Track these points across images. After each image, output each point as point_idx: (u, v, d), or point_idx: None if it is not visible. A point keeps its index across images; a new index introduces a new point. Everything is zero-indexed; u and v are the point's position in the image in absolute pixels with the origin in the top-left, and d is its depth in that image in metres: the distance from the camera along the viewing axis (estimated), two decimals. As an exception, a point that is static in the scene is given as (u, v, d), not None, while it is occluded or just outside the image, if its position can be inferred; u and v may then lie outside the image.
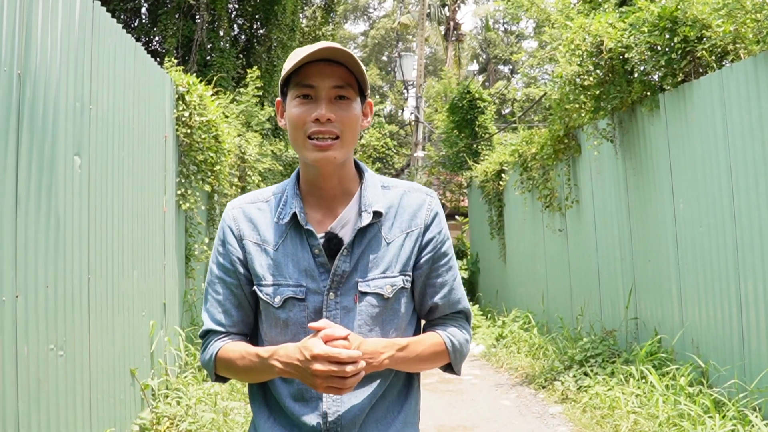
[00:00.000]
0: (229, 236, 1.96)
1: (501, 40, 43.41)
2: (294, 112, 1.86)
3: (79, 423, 4.35)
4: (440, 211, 2.02)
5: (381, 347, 1.81)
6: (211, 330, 1.97)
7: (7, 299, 3.42)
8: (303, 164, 1.95)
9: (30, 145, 3.72)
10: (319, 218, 1.93)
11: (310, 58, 1.80)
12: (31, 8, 3.72)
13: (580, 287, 9.33)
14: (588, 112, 8.01)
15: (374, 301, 1.88)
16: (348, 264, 1.87)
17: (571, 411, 6.78)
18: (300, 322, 1.87)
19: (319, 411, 1.85)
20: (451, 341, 1.99)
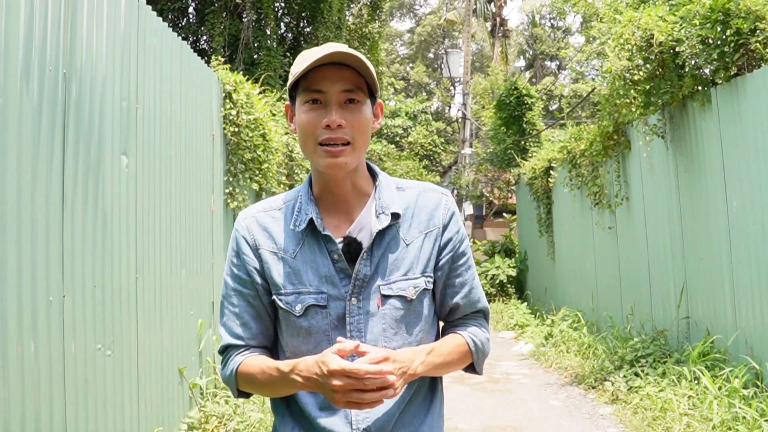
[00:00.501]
0: (244, 246, 1.91)
1: (548, 35, 43.03)
2: (303, 118, 1.82)
3: (127, 422, 4.37)
4: (456, 211, 1.98)
5: (412, 355, 1.77)
6: (230, 345, 1.93)
7: (54, 299, 3.44)
8: (315, 170, 1.90)
9: (76, 145, 3.74)
10: (335, 223, 1.89)
11: (317, 62, 1.76)
12: (75, 7, 3.73)
13: (631, 285, 9.18)
14: (638, 108, 7.86)
15: (398, 304, 1.85)
16: (369, 268, 1.84)
17: (622, 412, 6.66)
18: (323, 330, 1.83)
19: (347, 419, 1.81)
20: (474, 341, 1.98)
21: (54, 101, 3.49)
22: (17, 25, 3.15)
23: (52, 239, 3.45)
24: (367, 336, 1.82)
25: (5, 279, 3.02)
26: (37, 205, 3.31)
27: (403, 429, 1.85)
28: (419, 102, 33.78)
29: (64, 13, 3.59)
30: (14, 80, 3.12)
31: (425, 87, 49.77)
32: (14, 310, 3.08)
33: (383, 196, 1.90)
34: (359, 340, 1.81)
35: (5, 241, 3.02)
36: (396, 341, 1.85)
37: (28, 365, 3.18)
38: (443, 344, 1.91)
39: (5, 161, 3.04)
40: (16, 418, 3.06)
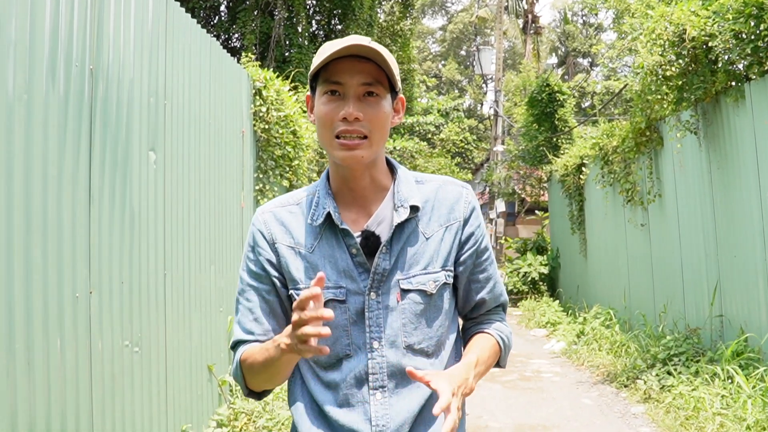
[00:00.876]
0: (261, 240, 1.89)
1: (580, 32, 42.68)
2: (322, 109, 1.80)
3: (155, 419, 4.38)
4: (477, 205, 1.95)
5: (465, 373, 1.73)
6: (241, 340, 1.89)
7: (81, 295, 3.44)
8: (332, 164, 1.88)
9: (103, 141, 3.74)
10: (353, 217, 1.87)
11: (338, 54, 1.74)
12: (102, 3, 3.73)
13: (663, 283, 9.06)
14: (670, 104, 7.75)
15: (418, 298, 1.83)
16: (388, 262, 1.81)
17: (654, 411, 6.57)
18: (342, 325, 1.80)
19: (366, 416, 1.78)
20: (503, 339, 1.99)
21: (80, 97, 3.49)
22: (43, 21, 3.15)
23: (79, 235, 3.46)
24: (386, 331, 1.80)
25: (31, 275, 3.03)
26: (63, 201, 3.31)
27: (425, 425, 1.82)
28: (451, 99, 33.72)
29: (91, 9, 3.59)
30: (40, 76, 3.13)
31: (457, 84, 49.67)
32: (40, 306, 3.08)
33: (402, 190, 1.87)
34: (379, 335, 1.79)
35: (31, 237, 3.03)
36: (416, 336, 1.82)
37: (53, 361, 3.18)
38: (482, 349, 1.90)
39: (31, 157, 3.04)
40: (42, 414, 3.07)
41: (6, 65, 2.89)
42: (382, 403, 1.78)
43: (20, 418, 2.91)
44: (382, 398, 1.78)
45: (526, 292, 16.71)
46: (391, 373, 1.79)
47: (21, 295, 2.96)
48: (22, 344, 2.95)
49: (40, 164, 3.13)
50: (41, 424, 3.06)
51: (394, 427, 1.77)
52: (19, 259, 2.95)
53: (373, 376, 1.78)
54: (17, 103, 2.96)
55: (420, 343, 1.82)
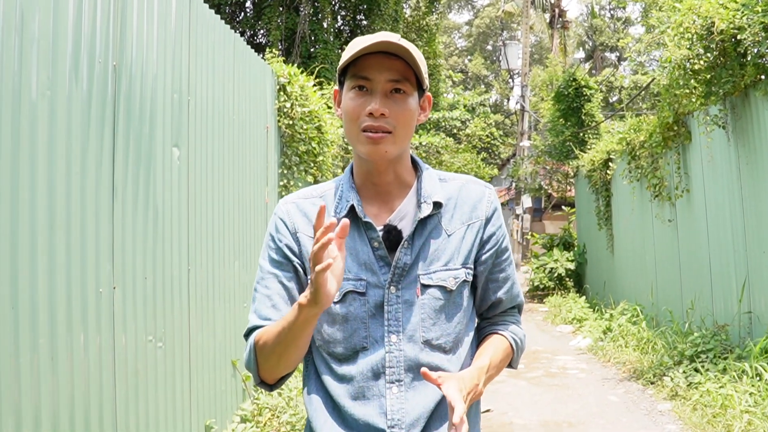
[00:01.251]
0: (282, 228, 1.89)
1: (607, 26, 42.36)
2: (349, 104, 1.80)
3: (179, 413, 4.40)
4: (499, 205, 1.96)
5: (477, 378, 1.74)
6: (255, 326, 1.85)
7: (104, 291, 3.46)
8: (357, 158, 1.89)
9: (126, 137, 3.75)
10: (375, 212, 1.87)
11: (367, 50, 1.74)
12: (125, 0, 3.75)
13: (691, 279, 8.96)
14: (698, 98, 7.65)
15: (437, 294, 1.82)
16: (409, 256, 1.81)
17: (681, 408, 6.50)
18: (360, 317, 1.80)
19: (382, 410, 1.77)
20: (515, 342, 1.98)
21: (104, 93, 3.51)
22: (66, 18, 3.16)
23: (102, 231, 3.48)
24: (405, 326, 1.80)
25: (54, 271, 3.05)
26: (87, 197, 3.33)
27: (440, 421, 1.81)
28: (477, 94, 33.64)
29: (114, 6, 3.61)
30: (63, 73, 3.14)
31: (483, 79, 49.53)
32: (63, 301, 3.10)
33: (426, 186, 1.88)
34: (397, 329, 1.79)
35: (54, 233, 3.05)
36: (434, 331, 1.82)
37: (77, 357, 3.20)
38: (494, 353, 1.89)
39: (54, 153, 3.06)
40: (65, 408, 3.09)
41: (30, 62, 2.91)
42: (398, 397, 1.78)
43: (44, 412, 2.93)
44: (398, 392, 1.78)
45: (552, 288, 16.62)
46: (408, 368, 1.79)
47: (45, 291, 2.98)
48: (45, 339, 2.97)
49: (64, 161, 3.15)
50: (65, 419, 3.09)
51: (410, 422, 1.77)
52: (43, 255, 2.97)
53: (390, 369, 1.78)
54: (41, 100, 2.98)
55: (438, 339, 1.82)
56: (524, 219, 23.21)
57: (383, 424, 1.76)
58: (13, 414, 2.74)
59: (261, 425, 5.50)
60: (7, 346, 2.72)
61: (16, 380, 2.77)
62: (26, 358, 2.83)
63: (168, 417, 4.22)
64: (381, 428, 1.76)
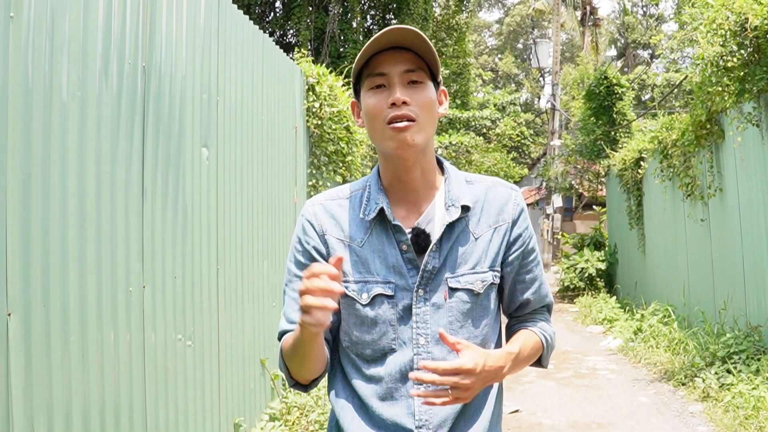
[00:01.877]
0: (310, 230, 1.90)
1: (639, 23, 41.96)
2: (369, 102, 1.81)
3: (208, 411, 4.43)
4: (525, 207, 1.96)
5: (503, 361, 1.75)
6: (285, 331, 1.90)
7: (134, 290, 3.49)
8: (383, 158, 1.89)
9: (156, 137, 3.78)
10: (403, 214, 1.88)
11: (377, 45, 1.77)
12: (155, 2, 3.78)
13: (724, 280, 8.85)
14: (732, 95, 7.55)
15: (465, 297, 1.83)
16: (437, 260, 1.82)
17: (713, 410, 6.43)
18: (388, 320, 1.82)
19: (409, 410, 1.79)
20: (545, 338, 1.98)
21: (133, 94, 3.54)
22: (96, 20, 3.20)
23: (132, 231, 3.51)
24: (432, 328, 1.81)
25: (85, 269, 3.08)
26: (117, 197, 3.37)
27: (465, 421, 1.83)
28: (508, 93, 33.50)
29: (143, 7, 3.64)
30: (93, 74, 3.18)
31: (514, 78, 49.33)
32: (94, 300, 3.14)
33: (453, 189, 1.88)
34: (424, 331, 1.81)
35: (85, 233, 3.08)
36: (462, 334, 1.84)
37: (107, 355, 3.24)
38: (524, 343, 1.90)
39: (84, 153, 3.10)
40: (96, 405, 3.12)
41: (60, 63, 2.94)
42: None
43: (75, 409, 2.97)
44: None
45: (582, 289, 16.50)
46: None
47: (75, 289, 3.01)
48: (77, 337, 3.01)
49: (94, 161, 3.18)
50: (95, 415, 3.12)
51: (437, 422, 1.79)
52: (74, 254, 3.01)
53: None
54: (71, 101, 3.01)
55: (467, 339, 1.83)
56: (555, 219, 23.10)
57: (411, 425, 1.79)
58: (45, 410, 2.78)
59: (289, 424, 5.53)
60: (38, 343, 2.75)
61: (47, 377, 2.80)
62: (57, 355, 2.87)
63: (197, 415, 4.25)
64: (409, 428, 1.79)
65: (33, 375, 2.71)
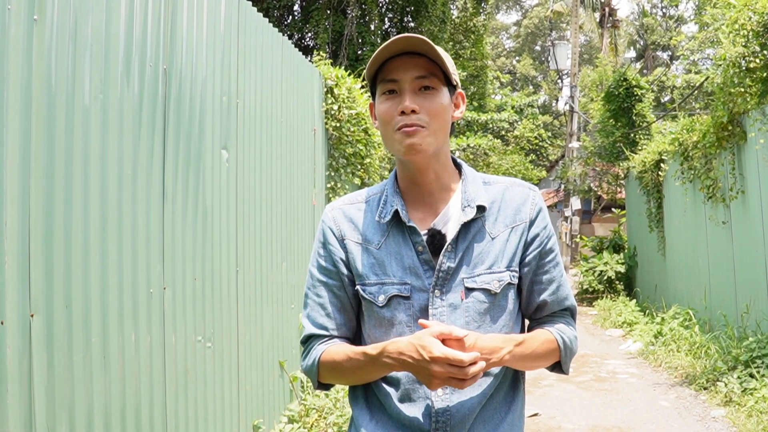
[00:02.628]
0: (330, 237, 1.94)
1: (659, 25, 41.73)
2: (381, 108, 1.84)
3: (227, 412, 4.44)
4: (544, 207, 1.95)
5: (500, 342, 1.75)
6: (313, 335, 1.93)
7: (155, 291, 3.51)
8: (399, 163, 1.92)
9: (177, 139, 3.80)
10: (420, 216, 1.89)
11: (387, 52, 1.79)
12: (176, 4, 3.80)
13: (746, 283, 8.76)
14: (754, 96, 7.49)
15: (482, 297, 1.83)
16: (453, 260, 1.83)
17: (735, 415, 6.37)
18: (405, 321, 1.83)
19: (428, 412, 1.80)
20: (562, 338, 1.94)
21: (154, 96, 3.56)
22: (118, 23, 3.22)
23: (153, 232, 3.53)
24: None
25: (106, 271, 3.10)
26: (138, 199, 3.38)
27: (484, 424, 1.83)
28: (526, 95, 33.43)
29: (164, 11, 3.66)
30: (115, 76, 3.20)
31: (532, 80, 49.21)
32: (115, 301, 3.16)
33: (469, 190, 1.89)
34: None
35: (106, 234, 3.10)
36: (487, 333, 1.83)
37: (128, 355, 3.26)
38: (533, 337, 1.88)
39: (106, 155, 3.11)
40: (117, 406, 3.14)
41: (83, 66, 2.96)
42: (443, 399, 1.80)
43: (96, 409, 2.99)
44: (443, 394, 1.80)
45: (601, 292, 16.41)
46: None
47: (97, 290, 3.03)
48: (98, 338, 3.02)
49: (116, 163, 3.20)
50: (116, 415, 3.14)
51: (455, 423, 1.79)
52: (95, 256, 3.03)
53: None
54: (93, 103, 3.03)
55: None
56: (573, 221, 22.98)
57: (428, 426, 1.79)
58: (67, 410, 2.79)
59: (308, 426, 5.53)
60: (60, 344, 2.77)
61: (69, 377, 2.82)
62: (79, 356, 2.88)
63: (216, 416, 4.26)
64: (426, 429, 1.79)
65: (55, 375, 2.73)
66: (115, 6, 3.20)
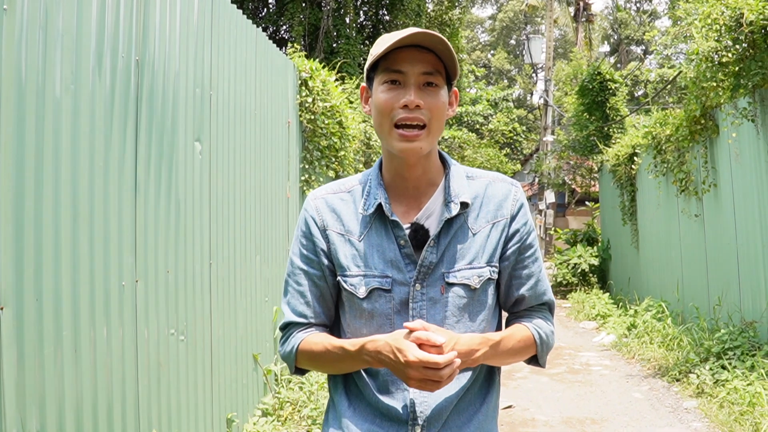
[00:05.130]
0: (312, 226, 1.93)
1: (632, 19, 42.00)
2: (381, 97, 1.82)
3: (201, 406, 4.42)
4: (525, 202, 1.97)
5: (476, 344, 1.77)
6: (292, 322, 1.94)
7: (127, 284, 3.48)
8: (387, 154, 1.91)
9: (149, 131, 3.77)
10: (403, 209, 1.90)
11: (401, 42, 1.77)
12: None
13: (718, 275, 8.85)
14: (726, 91, 7.54)
15: (461, 292, 1.85)
16: (435, 255, 1.84)
17: (707, 406, 6.44)
18: (385, 314, 1.84)
19: (405, 402, 1.82)
20: (539, 333, 1.95)
21: (127, 88, 3.53)
22: (90, 13, 3.18)
23: (125, 225, 3.49)
24: (429, 322, 1.82)
25: (78, 263, 3.07)
26: (110, 191, 3.35)
27: (458, 416, 1.85)
28: (500, 89, 33.52)
29: (137, 1, 3.62)
30: (87, 67, 3.16)
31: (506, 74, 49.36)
32: (86, 294, 3.13)
33: (453, 185, 1.90)
34: None
35: (77, 227, 3.07)
36: (458, 329, 1.85)
37: (100, 349, 3.23)
38: (510, 335, 1.90)
39: (77, 147, 3.08)
40: (88, 400, 3.12)
41: (54, 57, 2.92)
42: (421, 391, 1.81)
43: (67, 404, 2.96)
44: None
45: (575, 284, 16.50)
46: None
47: (68, 283, 3.00)
48: (69, 331, 3.00)
49: (87, 155, 3.17)
50: (88, 409, 3.11)
51: (432, 415, 1.81)
52: (67, 248, 3.00)
53: None
54: (64, 95, 2.99)
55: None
56: (547, 214, 23.13)
57: (406, 416, 1.81)
58: (37, 404, 2.77)
59: (282, 419, 5.52)
60: (31, 337, 2.74)
61: (39, 372, 2.80)
62: (50, 350, 2.85)
63: (189, 410, 4.24)
64: (404, 420, 1.81)
65: (25, 369, 2.70)
66: (87, -4, 3.16)
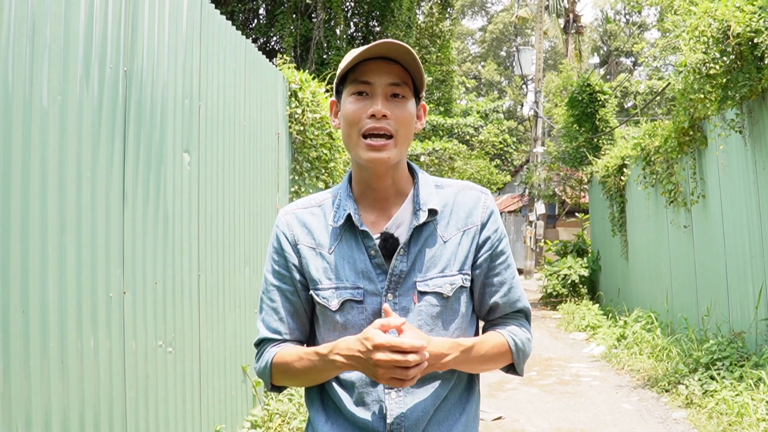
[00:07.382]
0: (284, 242, 1.94)
1: (622, 31, 42.24)
2: (349, 108, 1.84)
3: (189, 418, 4.39)
4: (495, 209, 1.98)
5: (446, 348, 1.78)
6: (266, 338, 1.95)
7: (115, 295, 3.46)
8: (356, 165, 1.92)
9: (137, 142, 3.76)
10: (373, 219, 1.91)
11: (368, 53, 1.79)
12: (137, 5, 3.75)
13: (707, 286, 8.88)
14: (714, 102, 7.57)
15: (434, 301, 1.86)
16: (405, 264, 1.85)
17: (696, 417, 6.44)
18: (359, 325, 1.84)
19: (381, 414, 1.81)
20: (514, 341, 1.94)
21: (114, 98, 3.52)
22: (77, 24, 3.17)
23: (113, 236, 3.48)
24: None
25: (64, 275, 3.05)
26: (98, 202, 3.33)
27: (438, 426, 1.85)
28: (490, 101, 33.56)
29: (125, 12, 3.61)
30: (74, 78, 3.15)
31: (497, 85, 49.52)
32: (73, 305, 3.11)
33: (422, 193, 1.91)
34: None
35: (65, 238, 3.05)
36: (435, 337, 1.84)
37: (87, 361, 3.21)
38: (483, 341, 1.90)
39: (65, 158, 3.07)
40: (75, 412, 3.09)
41: (41, 67, 2.92)
42: (397, 402, 1.81)
43: (54, 416, 2.94)
44: (396, 397, 1.81)
45: (565, 295, 16.52)
46: None
47: (55, 295, 2.98)
48: (56, 343, 2.98)
49: (75, 166, 3.15)
50: (75, 422, 3.09)
51: (409, 425, 1.81)
52: (54, 260, 2.98)
53: None
54: (52, 105, 2.98)
55: None
56: (538, 226, 23.17)
57: (383, 428, 1.81)
58: (24, 417, 2.75)
59: (271, 431, 5.49)
60: (17, 349, 2.72)
61: (26, 384, 2.77)
62: (36, 361, 2.83)
63: (178, 422, 4.22)
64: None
65: (11, 381, 2.68)
66: (75, 6, 3.16)
